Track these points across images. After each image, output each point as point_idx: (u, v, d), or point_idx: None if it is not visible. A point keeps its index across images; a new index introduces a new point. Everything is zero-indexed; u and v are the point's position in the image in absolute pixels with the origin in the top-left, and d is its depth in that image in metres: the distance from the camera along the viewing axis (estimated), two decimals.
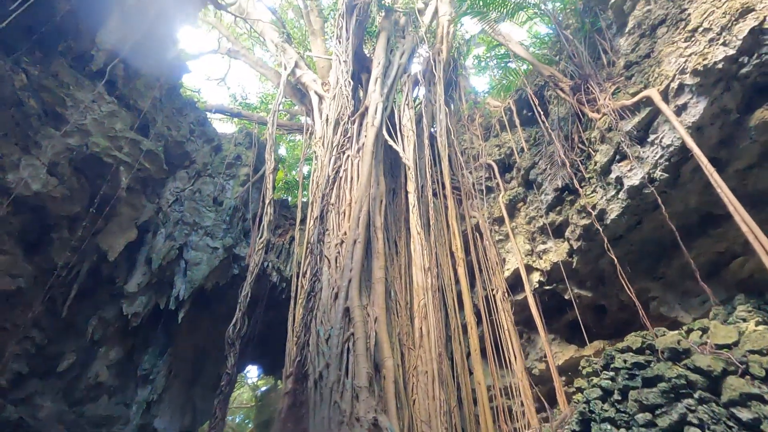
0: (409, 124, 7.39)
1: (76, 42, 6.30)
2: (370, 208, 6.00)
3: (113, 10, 6.54)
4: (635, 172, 4.66)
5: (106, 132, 6.54)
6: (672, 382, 2.81)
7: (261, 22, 9.94)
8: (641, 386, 3.02)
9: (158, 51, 7.60)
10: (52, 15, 5.88)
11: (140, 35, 6.93)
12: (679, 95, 4.17)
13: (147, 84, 7.55)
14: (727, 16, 3.80)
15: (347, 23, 7.79)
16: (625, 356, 3.30)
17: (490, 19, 6.75)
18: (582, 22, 5.87)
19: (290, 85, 9.83)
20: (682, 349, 2.95)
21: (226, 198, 9.36)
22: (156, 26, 7.28)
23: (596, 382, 3.45)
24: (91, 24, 6.37)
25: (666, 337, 3.16)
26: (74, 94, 6.08)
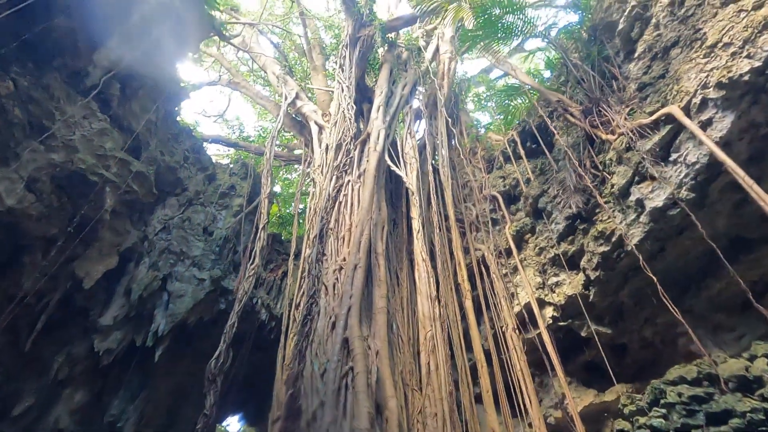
0: (412, 152, 7.20)
1: (73, 59, 6.13)
2: (372, 234, 5.61)
3: (114, 31, 6.45)
4: (657, 194, 4.37)
5: (94, 150, 6.21)
6: (747, 418, 2.34)
7: (263, 56, 10.03)
8: (705, 424, 2.53)
9: (157, 74, 7.46)
10: (51, 30, 5.74)
11: (140, 57, 6.81)
12: (702, 110, 3.98)
13: (143, 106, 7.35)
14: (749, 29, 3.69)
15: (350, 54, 7.83)
16: (679, 389, 2.83)
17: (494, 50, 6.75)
18: (588, 51, 5.85)
19: (289, 117, 9.74)
20: (753, 377, 2.50)
21: (217, 228, 8.92)
22: (157, 49, 7.19)
23: (645, 422, 2.93)
24: (90, 42, 6.24)
25: (730, 364, 2.71)
26: (65, 108, 5.81)
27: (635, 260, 4.83)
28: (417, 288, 5.49)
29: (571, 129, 6.24)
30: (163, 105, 7.88)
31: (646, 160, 4.31)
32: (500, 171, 7.92)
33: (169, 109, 8.27)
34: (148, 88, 7.35)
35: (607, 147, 5.08)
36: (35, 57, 5.59)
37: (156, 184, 7.55)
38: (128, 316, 7.20)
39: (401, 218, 7.32)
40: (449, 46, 9.42)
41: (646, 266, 4.17)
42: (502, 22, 5.98)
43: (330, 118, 8.41)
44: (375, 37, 7.91)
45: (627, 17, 5.39)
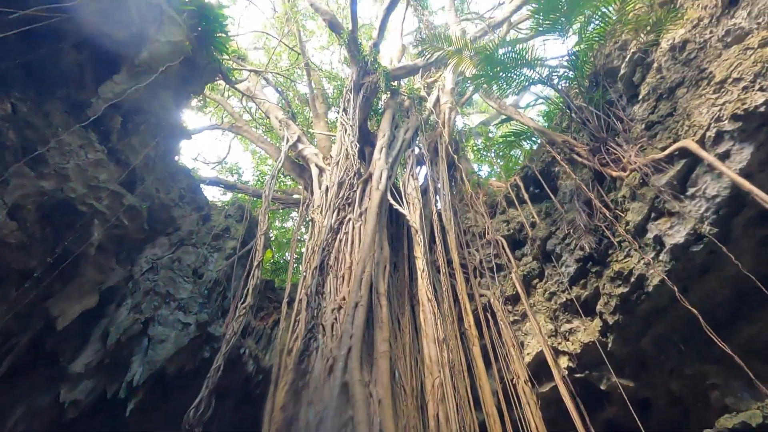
0: (414, 193, 7.07)
1: (77, 90, 6.10)
2: (374, 272, 5.28)
3: (122, 66, 6.51)
4: (677, 229, 4.17)
5: (87, 180, 5.99)
6: None
7: (267, 102, 10.22)
8: None
9: (161, 111, 7.47)
10: (59, 61, 5.76)
11: (145, 93, 6.81)
12: (718, 143, 3.90)
13: (142, 142, 7.25)
14: (759, 64, 3.72)
15: (354, 98, 7.96)
16: None
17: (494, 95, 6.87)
18: (591, 95, 5.94)
19: (290, 160, 9.72)
20: None
21: (207, 270, 8.48)
22: (163, 87, 7.24)
23: None
24: (97, 75, 6.27)
25: None
26: (62, 136, 5.67)
27: (657, 303, 4.53)
28: (422, 331, 5.07)
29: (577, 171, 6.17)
30: (163, 142, 7.80)
31: (664, 193, 4.16)
32: (503, 216, 7.77)
33: (169, 147, 8.19)
34: (150, 124, 7.31)
35: (618, 184, 4.97)
36: (39, 85, 5.54)
37: (148, 220, 7.26)
38: (102, 362, 6.55)
39: (402, 261, 7.01)
40: (449, 97, 9.69)
41: (683, 299, 3.85)
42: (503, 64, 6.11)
43: (331, 161, 8.37)
44: (379, 82, 8.12)
45: (628, 63, 5.54)
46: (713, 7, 4.70)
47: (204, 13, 7.50)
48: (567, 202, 6.23)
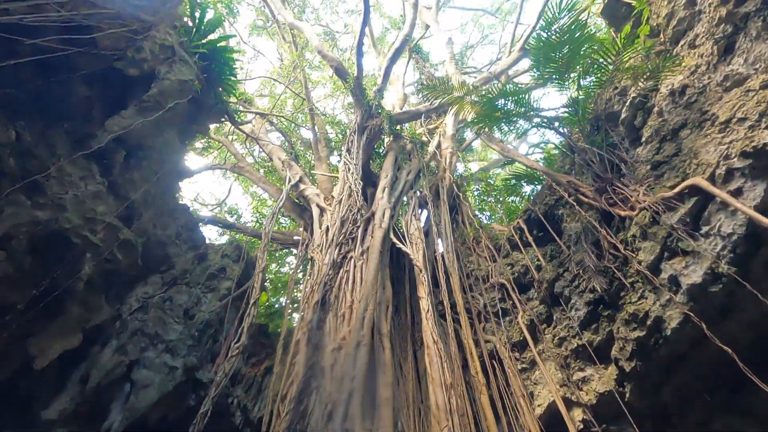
0: (417, 233, 6.97)
1: (84, 123, 6.12)
2: (376, 312, 5.03)
3: (131, 101, 6.61)
4: (693, 269, 4.03)
5: (84, 212, 5.85)
6: None
7: (270, 144, 10.36)
8: None
9: (165, 148, 7.49)
10: (70, 95, 5.83)
11: (151, 128, 6.87)
12: (729, 181, 3.86)
13: (144, 177, 7.20)
14: (763, 104, 3.77)
15: (358, 139, 8.08)
16: None
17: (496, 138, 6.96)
18: (593, 139, 6.02)
19: (290, 200, 9.67)
20: None
21: (200, 311, 8.13)
22: (169, 124, 7.31)
23: None
24: (105, 111, 6.34)
25: None
26: (63, 167, 5.60)
27: (676, 348, 4.29)
28: (428, 376, 4.73)
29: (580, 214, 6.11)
30: (164, 178, 7.76)
31: (677, 231, 4.06)
32: (507, 259, 7.61)
33: (170, 184, 8.14)
34: (154, 159, 7.30)
35: (627, 224, 4.88)
36: (47, 116, 5.55)
37: (142, 256, 7.03)
38: (78, 410, 6.07)
39: (404, 304, 6.75)
40: (450, 142, 9.88)
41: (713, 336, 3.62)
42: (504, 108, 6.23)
43: (332, 201, 8.33)
44: (383, 125, 8.28)
45: (628, 107, 5.66)
46: (709, 55, 4.88)
47: (215, 55, 7.76)
48: (573, 245, 6.11)
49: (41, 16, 3.92)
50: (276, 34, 13.60)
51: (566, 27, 5.73)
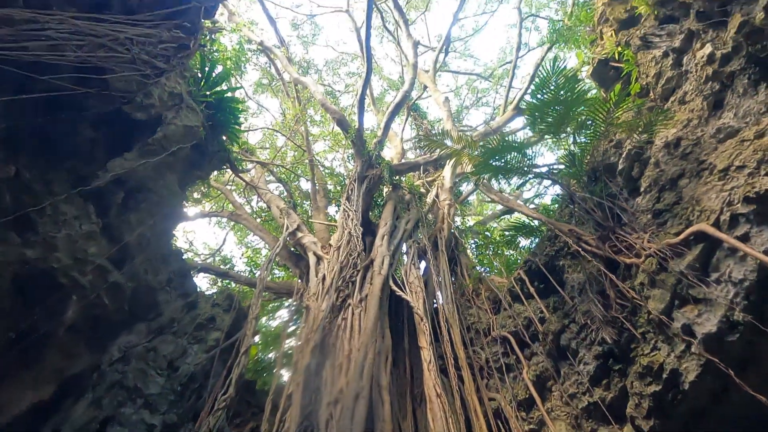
0: (417, 282, 6.79)
1: (86, 164, 6.12)
2: (375, 363, 4.75)
3: (135, 145, 6.68)
4: (707, 317, 3.89)
5: (75, 252, 5.66)
6: None
7: (269, 193, 10.41)
8: None
9: (164, 192, 7.47)
10: (75, 136, 5.88)
11: (151, 172, 6.88)
12: (734, 226, 3.85)
13: (140, 220, 7.08)
14: (760, 153, 3.86)
15: (358, 188, 8.14)
16: None
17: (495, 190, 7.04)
18: (591, 189, 6.09)
19: (286, 249, 9.53)
20: None
21: (185, 363, 7.65)
22: (170, 169, 7.35)
23: None
24: (108, 152, 6.37)
25: None
26: (59, 205, 5.51)
27: (696, 403, 4.03)
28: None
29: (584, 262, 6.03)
30: (161, 222, 7.64)
31: (686, 277, 3.97)
32: (508, 311, 7.38)
33: (165, 228, 8.01)
34: (152, 202, 7.23)
35: (634, 272, 4.79)
36: (49, 154, 5.55)
37: (130, 302, 6.73)
38: None
39: (402, 357, 6.41)
40: (448, 194, 9.99)
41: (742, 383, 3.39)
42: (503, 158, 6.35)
43: (330, 250, 8.21)
44: (383, 173, 8.40)
45: (625, 159, 5.80)
46: (700, 110, 5.10)
47: (221, 105, 8.00)
48: (577, 295, 5.97)
49: (58, 54, 4.03)
50: (280, 91, 14.21)
51: (559, 83, 6.00)
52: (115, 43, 4.73)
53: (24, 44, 3.73)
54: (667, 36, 5.77)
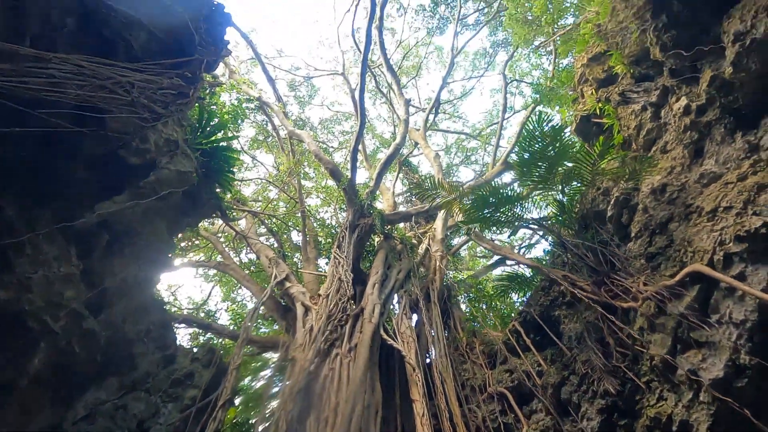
0: (408, 332, 6.51)
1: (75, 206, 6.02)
2: (364, 417, 4.39)
3: (126, 187, 6.63)
4: (713, 362, 3.72)
5: (49, 295, 5.37)
6: None
7: (258, 243, 10.26)
8: None
9: (151, 237, 7.31)
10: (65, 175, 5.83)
11: (140, 216, 6.78)
12: (729, 266, 3.81)
13: (123, 265, 6.85)
14: (745, 193, 3.93)
15: (349, 236, 8.06)
16: None
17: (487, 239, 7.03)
18: (583, 237, 6.11)
19: (273, 300, 9.21)
20: None
21: (156, 423, 7.05)
22: (160, 214, 7.26)
23: None
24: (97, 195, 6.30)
25: None
26: (40, 244, 5.32)
27: None
28: None
29: (581, 310, 5.89)
30: (145, 268, 7.40)
31: (687, 319, 3.85)
32: (505, 365, 7.04)
33: (149, 275, 7.72)
34: (137, 248, 7.04)
35: (632, 316, 4.66)
36: (37, 192, 5.46)
37: (103, 353, 6.30)
38: None
39: (393, 413, 5.96)
40: (440, 246, 9.95)
41: None
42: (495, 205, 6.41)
43: (318, 300, 7.96)
44: (375, 222, 8.38)
45: (613, 206, 5.88)
46: (682, 158, 5.28)
47: (216, 153, 8.11)
48: (575, 346, 5.75)
49: (59, 92, 4.11)
50: (275, 147, 14.58)
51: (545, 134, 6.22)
52: (116, 85, 4.86)
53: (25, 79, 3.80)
54: (644, 92, 6.13)
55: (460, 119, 19.57)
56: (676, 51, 5.11)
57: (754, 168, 4.13)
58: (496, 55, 16.94)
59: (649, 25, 5.39)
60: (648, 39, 5.48)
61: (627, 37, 5.85)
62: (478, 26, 15.64)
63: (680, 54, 5.08)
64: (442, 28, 16.34)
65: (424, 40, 17.62)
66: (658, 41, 5.32)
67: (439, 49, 18.91)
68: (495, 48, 16.56)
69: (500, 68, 15.18)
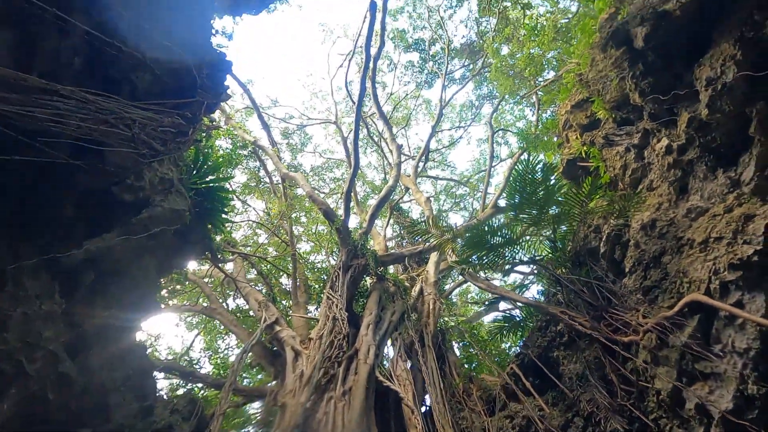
0: (405, 374, 6.25)
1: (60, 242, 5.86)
2: None
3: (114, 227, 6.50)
4: (720, 393, 3.64)
5: (25, 334, 5.05)
6: None
7: (248, 287, 10.01)
8: None
9: (139, 278, 7.08)
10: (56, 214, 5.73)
11: (129, 254, 6.62)
12: (726, 294, 3.84)
13: (107, 305, 6.55)
14: (734, 224, 4.06)
15: (343, 276, 7.93)
16: None
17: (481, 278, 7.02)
18: (578, 274, 6.13)
19: (262, 346, 8.85)
20: None
21: None
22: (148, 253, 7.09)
23: None
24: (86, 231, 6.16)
25: None
26: (21, 279, 5.09)
27: None
28: None
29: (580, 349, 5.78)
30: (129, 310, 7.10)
31: (689, 350, 3.81)
32: (504, 411, 6.74)
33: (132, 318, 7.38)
34: (123, 287, 6.80)
35: (634, 351, 4.58)
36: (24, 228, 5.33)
37: (78, 400, 5.87)
38: None
39: None
40: (433, 289, 9.83)
41: None
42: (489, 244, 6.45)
43: (309, 345, 7.67)
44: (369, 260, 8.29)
45: (605, 242, 5.97)
46: (668, 195, 5.47)
47: (210, 194, 8.13)
48: (576, 387, 5.58)
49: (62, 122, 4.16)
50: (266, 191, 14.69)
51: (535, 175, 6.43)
52: (117, 120, 4.95)
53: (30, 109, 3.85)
54: (626, 135, 6.45)
55: (449, 167, 20.20)
56: (654, 96, 5.46)
57: (739, 200, 4.30)
58: (481, 107, 17.87)
59: (627, 73, 5.79)
60: (627, 86, 5.86)
61: (607, 84, 6.26)
62: (465, 80, 16.59)
63: (658, 98, 5.42)
64: (430, 82, 17.29)
65: (413, 93, 18.55)
66: (636, 87, 5.69)
67: (428, 102, 19.87)
68: (480, 101, 17.49)
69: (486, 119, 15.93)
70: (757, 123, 4.47)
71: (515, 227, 6.82)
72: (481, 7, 15.38)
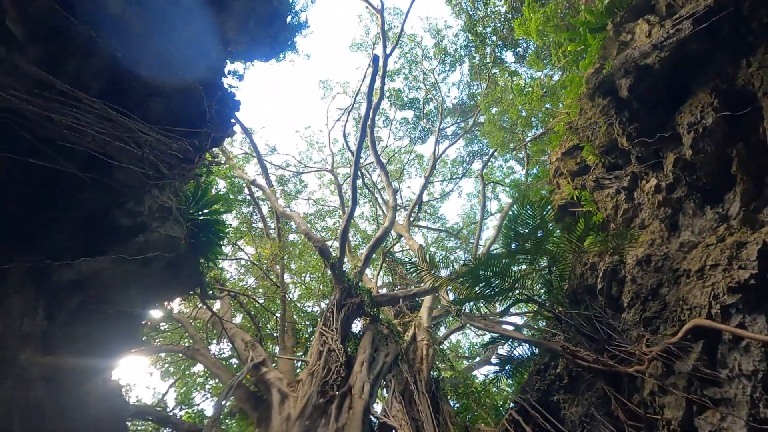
0: (401, 415, 5.90)
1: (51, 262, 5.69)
2: None
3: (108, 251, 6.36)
4: (733, 420, 3.55)
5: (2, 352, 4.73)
6: None
7: (234, 327, 9.64)
8: None
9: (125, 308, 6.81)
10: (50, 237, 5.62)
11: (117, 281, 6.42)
12: (728, 318, 3.88)
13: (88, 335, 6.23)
14: (728, 251, 4.20)
15: (336, 313, 7.72)
16: None
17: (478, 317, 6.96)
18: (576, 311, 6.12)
19: (245, 390, 8.34)
20: None
21: None
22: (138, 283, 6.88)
23: None
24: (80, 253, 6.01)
25: None
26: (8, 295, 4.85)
27: None
28: None
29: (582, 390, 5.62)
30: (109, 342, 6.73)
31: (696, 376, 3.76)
32: None
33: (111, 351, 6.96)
34: (107, 317, 6.52)
35: (640, 383, 4.48)
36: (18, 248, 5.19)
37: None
38: None
39: None
40: (426, 335, 9.60)
41: None
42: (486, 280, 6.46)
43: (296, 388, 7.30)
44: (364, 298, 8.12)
45: (602, 279, 6.04)
46: (660, 231, 5.67)
47: (206, 226, 8.10)
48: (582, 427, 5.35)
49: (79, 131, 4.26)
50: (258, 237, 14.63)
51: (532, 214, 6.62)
52: (130, 138, 5.06)
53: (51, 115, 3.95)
54: (616, 179, 6.78)
55: (440, 220, 20.56)
56: (641, 139, 5.85)
57: (730, 231, 4.48)
58: (471, 163, 18.62)
59: (614, 120, 6.23)
60: (615, 131, 6.28)
61: (596, 130, 6.69)
62: (456, 137, 17.47)
63: (644, 141, 5.79)
64: (424, 138, 18.13)
65: (407, 148, 19.35)
66: (624, 132, 6.10)
67: (420, 157, 20.67)
68: (471, 156, 18.29)
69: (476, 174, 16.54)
70: (738, 163, 4.80)
71: (510, 265, 6.87)
72: (472, 72, 16.61)
